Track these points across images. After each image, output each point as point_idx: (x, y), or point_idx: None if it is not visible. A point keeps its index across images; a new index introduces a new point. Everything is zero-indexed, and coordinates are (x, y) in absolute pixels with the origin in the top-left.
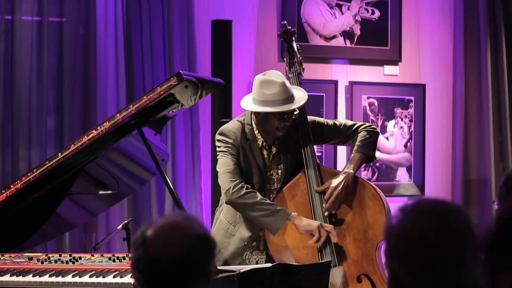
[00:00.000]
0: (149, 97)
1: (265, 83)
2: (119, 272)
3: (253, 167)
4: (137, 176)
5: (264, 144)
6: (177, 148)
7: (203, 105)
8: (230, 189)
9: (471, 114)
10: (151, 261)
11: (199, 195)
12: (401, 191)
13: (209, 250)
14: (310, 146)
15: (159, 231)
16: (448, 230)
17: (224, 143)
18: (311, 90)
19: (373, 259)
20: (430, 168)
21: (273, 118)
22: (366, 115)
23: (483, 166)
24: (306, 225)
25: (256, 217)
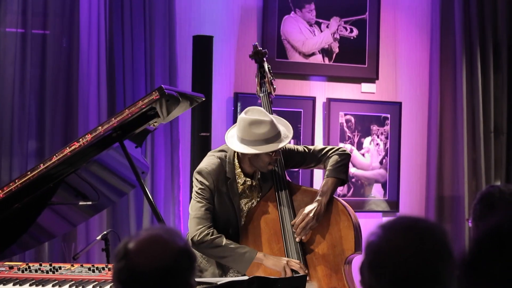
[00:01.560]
0: (131, 111)
1: (253, 123)
2: (99, 282)
3: (229, 207)
4: (116, 188)
5: (246, 181)
6: (156, 161)
7: (183, 118)
8: (195, 236)
9: (445, 132)
10: (133, 273)
11: (177, 208)
12: (374, 207)
13: (190, 263)
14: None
15: (141, 244)
16: (425, 248)
17: (200, 184)
18: (289, 106)
19: (341, 273)
20: (405, 185)
21: (265, 155)
22: (343, 131)
23: (456, 183)
24: (272, 265)
25: (222, 261)
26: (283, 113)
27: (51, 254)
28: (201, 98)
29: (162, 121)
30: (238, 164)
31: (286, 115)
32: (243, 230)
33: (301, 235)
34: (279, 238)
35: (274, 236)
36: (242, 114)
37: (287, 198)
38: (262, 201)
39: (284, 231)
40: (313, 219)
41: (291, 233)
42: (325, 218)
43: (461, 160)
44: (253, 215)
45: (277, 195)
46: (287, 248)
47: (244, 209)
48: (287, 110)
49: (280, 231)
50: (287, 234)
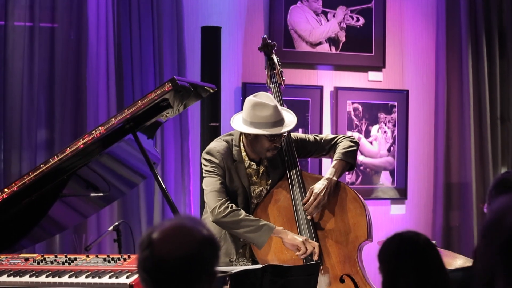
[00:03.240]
0: (144, 102)
1: (257, 105)
2: (115, 272)
3: (238, 188)
4: (127, 179)
5: (251, 165)
6: (166, 152)
7: (192, 109)
8: (216, 208)
9: (452, 119)
10: (157, 262)
11: (187, 197)
12: (382, 194)
13: (213, 252)
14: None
15: (165, 233)
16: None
17: (210, 163)
18: (297, 95)
19: (355, 260)
20: (413, 172)
21: (264, 139)
22: (350, 119)
23: (464, 170)
24: (291, 239)
25: (241, 234)
26: (291, 102)
27: (62, 246)
28: (213, 89)
29: (174, 113)
30: (243, 148)
31: (294, 105)
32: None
33: (312, 213)
34: (293, 226)
35: (287, 224)
36: (250, 96)
37: (300, 185)
38: (274, 189)
39: (297, 218)
40: (324, 198)
41: (305, 220)
42: (338, 205)
43: (468, 146)
44: (265, 204)
45: (289, 183)
46: (301, 234)
47: (253, 195)
48: (295, 99)
49: (293, 219)
50: (301, 221)
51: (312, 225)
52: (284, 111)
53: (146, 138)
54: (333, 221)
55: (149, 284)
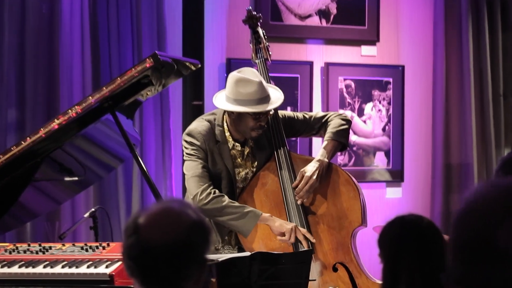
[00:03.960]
0: (123, 79)
1: (241, 81)
2: (93, 262)
3: (222, 171)
4: (104, 162)
5: (235, 146)
6: (146, 132)
7: (174, 87)
8: (197, 194)
9: (452, 96)
10: (144, 249)
11: (169, 181)
12: (377, 176)
13: (204, 237)
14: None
15: (152, 218)
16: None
17: (191, 146)
18: (285, 72)
19: (348, 247)
20: (409, 152)
21: (248, 118)
22: (342, 97)
23: (464, 150)
24: (279, 226)
25: (225, 221)
26: (279, 79)
27: (33, 234)
28: (196, 65)
29: (155, 91)
30: (226, 128)
31: (282, 81)
32: (241, 203)
33: (303, 198)
34: (281, 211)
35: (275, 209)
36: (234, 72)
37: (289, 167)
38: (261, 172)
39: (286, 203)
40: (316, 181)
41: (295, 205)
42: (330, 189)
43: (469, 125)
44: (251, 188)
45: (277, 165)
46: (291, 221)
47: (238, 179)
48: (283, 76)
49: (282, 203)
50: (290, 206)
51: (302, 210)
52: (270, 88)
53: (125, 118)
54: (325, 205)
55: (135, 272)
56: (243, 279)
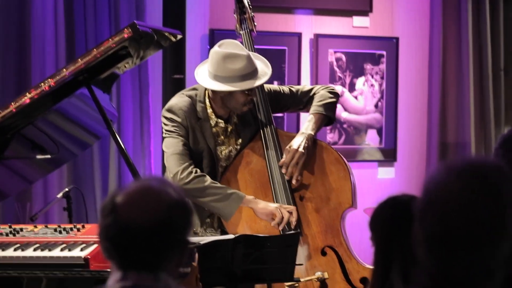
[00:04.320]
0: (100, 51)
1: (228, 57)
2: (67, 245)
3: (204, 149)
4: (79, 139)
5: (218, 123)
6: (123, 108)
7: (153, 59)
8: (177, 173)
9: (449, 71)
10: (122, 229)
11: (147, 160)
12: (368, 156)
13: (185, 218)
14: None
15: (130, 197)
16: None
17: (171, 122)
18: (272, 44)
19: (338, 230)
20: (403, 130)
21: (239, 94)
22: (332, 71)
23: (462, 128)
24: (264, 208)
25: (207, 203)
26: (265, 52)
27: (2, 216)
28: (177, 36)
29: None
30: (209, 104)
31: (269, 54)
32: (224, 183)
33: (294, 174)
34: (267, 191)
35: (260, 189)
36: (215, 47)
37: (275, 145)
38: (245, 150)
39: (273, 182)
40: (304, 154)
41: (282, 185)
42: (319, 168)
43: (467, 102)
44: (235, 166)
45: (263, 142)
46: (278, 201)
47: (221, 157)
48: (270, 48)
49: (268, 183)
50: (276, 186)
51: (290, 190)
52: (256, 59)
53: (102, 92)
54: (313, 185)
55: (112, 254)
56: (226, 263)
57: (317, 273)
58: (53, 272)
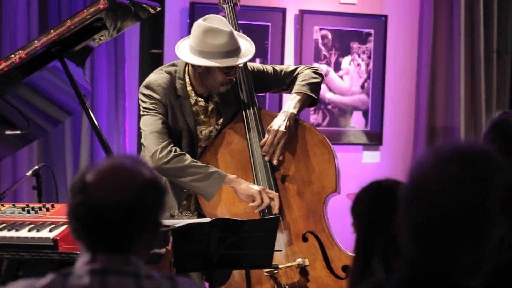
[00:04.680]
0: (74, 22)
1: (210, 31)
2: (35, 225)
3: (183, 129)
4: (50, 115)
5: (198, 101)
6: (97, 83)
7: (130, 32)
8: (156, 152)
9: (439, 52)
10: (92, 210)
11: (122, 139)
12: (353, 139)
13: (157, 198)
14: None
15: (101, 175)
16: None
17: (150, 99)
18: (255, 19)
19: (320, 215)
20: (390, 113)
21: (217, 72)
22: (318, 49)
23: (451, 112)
24: (246, 188)
25: (187, 183)
26: (248, 27)
27: None
28: (156, 8)
29: (109, 36)
30: (189, 81)
31: (252, 30)
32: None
33: (275, 154)
34: (248, 172)
35: (241, 171)
36: (199, 20)
37: (257, 124)
38: (226, 130)
39: (254, 163)
40: (285, 133)
41: (263, 166)
42: (302, 150)
43: (457, 85)
44: (215, 147)
45: (245, 121)
46: (259, 183)
47: (201, 137)
48: (253, 24)
49: (249, 164)
50: (257, 167)
51: (271, 172)
52: (240, 38)
53: (75, 65)
54: (296, 168)
55: (81, 235)
56: (202, 247)
57: (298, 259)
58: (20, 254)
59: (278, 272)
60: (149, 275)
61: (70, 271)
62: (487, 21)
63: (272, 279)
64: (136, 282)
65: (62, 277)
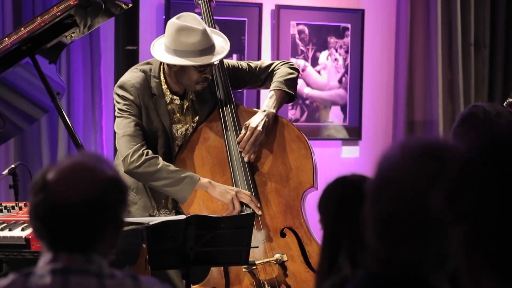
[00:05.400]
0: (44, 19)
1: (183, 30)
2: (8, 224)
3: (158, 129)
4: (25, 113)
5: (173, 99)
6: (73, 80)
7: (105, 29)
8: (128, 156)
9: (417, 45)
10: (53, 208)
11: (99, 135)
12: (332, 133)
13: (120, 195)
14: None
15: (63, 173)
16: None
17: (123, 100)
18: (231, 15)
19: (298, 211)
20: (368, 108)
21: (192, 70)
22: (295, 44)
23: (429, 106)
24: (219, 195)
25: (159, 187)
26: (223, 23)
27: None
28: (128, 4)
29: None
30: (164, 79)
31: (228, 25)
32: (180, 161)
33: (249, 152)
34: (225, 169)
35: (218, 167)
36: (173, 18)
37: (234, 120)
38: (203, 126)
39: (231, 159)
40: (262, 132)
41: (240, 162)
42: (279, 145)
43: (435, 78)
44: (192, 143)
45: (222, 117)
46: (236, 180)
47: (177, 136)
48: (229, 19)
49: (226, 160)
50: (235, 163)
51: (249, 168)
52: (214, 35)
53: (48, 62)
54: (273, 164)
55: (43, 234)
56: (178, 245)
57: (276, 255)
58: None
59: (256, 268)
60: (111, 274)
61: (32, 270)
62: (465, 14)
63: (251, 275)
64: (99, 281)
65: (23, 277)
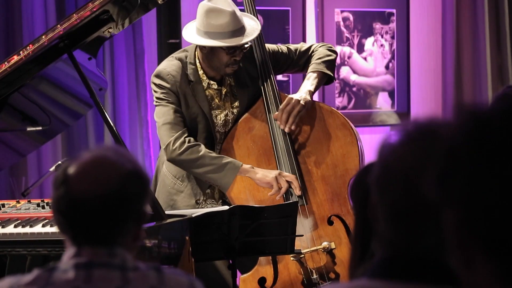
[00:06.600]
0: (80, 15)
1: (212, 12)
2: (49, 220)
3: (198, 114)
4: (70, 109)
5: (211, 85)
6: (118, 75)
7: (148, 23)
8: (170, 144)
9: (464, 28)
10: (74, 202)
11: (145, 130)
12: (380, 120)
13: (141, 188)
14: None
15: (83, 167)
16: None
17: (160, 89)
18: (274, 4)
19: (345, 198)
20: (416, 93)
21: (222, 52)
22: (339, 32)
23: (479, 89)
24: (262, 177)
25: (202, 174)
26: (267, 13)
27: None
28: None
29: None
30: (199, 65)
31: (271, 15)
32: (224, 152)
33: (287, 123)
34: (270, 158)
35: (263, 156)
36: (204, 1)
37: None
38: (247, 114)
39: (276, 149)
40: (299, 102)
41: (285, 151)
42: (324, 133)
43: (483, 60)
44: (236, 133)
45: (265, 104)
46: (281, 169)
47: (216, 122)
48: (272, 10)
49: (272, 149)
50: (280, 151)
51: (294, 156)
52: (244, 17)
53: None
54: (319, 151)
55: (65, 227)
56: (223, 236)
57: (324, 243)
58: (36, 249)
59: (304, 256)
60: (135, 266)
61: (56, 266)
62: None
63: (299, 264)
64: (122, 274)
65: (47, 272)
